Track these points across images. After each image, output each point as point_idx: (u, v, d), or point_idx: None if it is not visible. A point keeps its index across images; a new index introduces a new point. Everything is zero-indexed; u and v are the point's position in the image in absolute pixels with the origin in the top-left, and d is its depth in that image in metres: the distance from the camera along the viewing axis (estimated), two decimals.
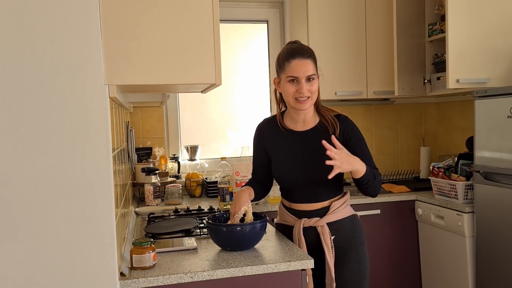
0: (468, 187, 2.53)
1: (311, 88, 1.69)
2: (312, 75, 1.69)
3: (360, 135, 1.80)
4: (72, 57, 1.28)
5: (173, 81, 1.46)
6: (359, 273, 1.75)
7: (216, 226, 1.68)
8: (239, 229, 1.64)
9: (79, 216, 1.30)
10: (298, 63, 1.68)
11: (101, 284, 1.33)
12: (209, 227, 1.70)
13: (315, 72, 1.71)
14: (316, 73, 1.71)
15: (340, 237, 1.77)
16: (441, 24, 2.85)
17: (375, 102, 3.43)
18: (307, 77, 1.68)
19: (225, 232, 1.66)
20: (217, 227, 1.67)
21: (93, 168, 1.31)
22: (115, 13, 1.37)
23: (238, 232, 1.64)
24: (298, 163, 1.76)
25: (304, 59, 1.68)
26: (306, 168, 1.75)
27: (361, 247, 1.79)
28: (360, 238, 1.80)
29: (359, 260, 1.76)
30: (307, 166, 1.74)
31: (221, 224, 1.71)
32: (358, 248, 1.77)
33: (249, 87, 3.40)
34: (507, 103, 2.21)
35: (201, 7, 1.46)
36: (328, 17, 3.00)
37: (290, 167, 1.78)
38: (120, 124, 1.98)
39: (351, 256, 1.76)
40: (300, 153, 1.76)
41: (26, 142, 1.26)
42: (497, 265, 2.31)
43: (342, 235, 1.77)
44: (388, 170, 3.46)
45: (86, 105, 1.30)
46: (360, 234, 1.81)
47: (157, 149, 3.18)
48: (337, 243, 1.75)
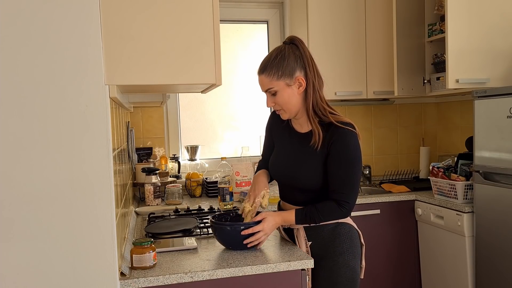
0: (468, 187, 2.53)
1: (276, 100, 1.65)
2: (269, 89, 1.65)
3: (346, 154, 1.61)
4: (72, 57, 1.28)
5: (173, 81, 1.46)
6: (337, 284, 1.64)
7: (221, 225, 1.68)
8: (243, 227, 1.64)
9: (79, 216, 1.30)
10: (258, 79, 1.70)
11: (101, 284, 1.33)
12: (213, 226, 1.70)
13: (272, 85, 1.63)
14: (273, 86, 1.63)
15: (318, 243, 1.69)
16: (440, 24, 2.85)
17: (375, 102, 3.43)
18: (266, 91, 1.68)
19: (228, 231, 1.66)
20: (221, 226, 1.68)
21: (93, 168, 1.31)
22: (115, 13, 1.37)
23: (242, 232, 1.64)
24: (286, 161, 1.75)
25: (259, 75, 1.68)
26: (290, 168, 1.73)
27: (341, 257, 1.65)
28: (341, 248, 1.66)
29: (337, 270, 1.65)
30: (292, 166, 1.72)
31: (224, 223, 1.72)
32: (335, 258, 1.65)
33: (249, 87, 3.41)
34: (506, 103, 2.22)
35: (201, 7, 1.46)
36: (328, 17, 3.00)
37: (280, 161, 1.78)
38: (121, 124, 1.98)
39: (327, 265, 1.66)
40: (292, 152, 1.75)
41: (26, 142, 1.26)
42: (496, 265, 2.31)
43: (320, 242, 1.69)
44: (388, 170, 3.47)
45: (86, 105, 1.30)
46: (342, 243, 1.67)
47: (158, 149, 3.18)
48: (314, 250, 1.70)
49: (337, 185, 1.63)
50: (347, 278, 1.65)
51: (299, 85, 1.64)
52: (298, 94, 1.65)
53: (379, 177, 3.43)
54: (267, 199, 1.74)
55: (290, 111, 1.68)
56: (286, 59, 1.62)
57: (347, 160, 1.62)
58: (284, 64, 1.62)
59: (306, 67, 1.63)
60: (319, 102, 1.65)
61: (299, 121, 1.74)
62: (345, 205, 1.63)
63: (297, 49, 1.65)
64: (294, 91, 1.64)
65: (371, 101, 3.37)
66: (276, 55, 1.64)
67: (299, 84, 1.64)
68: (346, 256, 1.67)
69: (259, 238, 1.64)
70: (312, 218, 1.64)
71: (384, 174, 3.43)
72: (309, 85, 1.64)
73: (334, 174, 1.63)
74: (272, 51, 1.68)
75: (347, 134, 1.62)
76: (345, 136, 1.62)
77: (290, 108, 1.66)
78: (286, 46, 1.67)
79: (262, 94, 1.73)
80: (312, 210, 1.64)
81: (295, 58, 1.63)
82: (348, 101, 3.27)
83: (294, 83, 1.63)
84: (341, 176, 1.62)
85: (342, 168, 1.62)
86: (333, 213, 1.64)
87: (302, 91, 1.65)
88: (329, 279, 1.66)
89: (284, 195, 1.83)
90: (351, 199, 1.64)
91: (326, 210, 1.64)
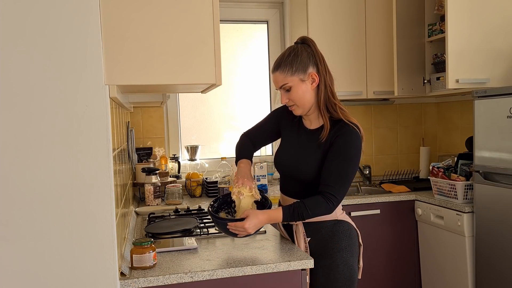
0: (468, 187, 2.53)
1: (291, 96, 1.69)
2: (283, 85, 1.68)
3: (346, 150, 1.64)
4: (72, 57, 1.28)
5: (173, 81, 1.46)
6: (334, 281, 1.66)
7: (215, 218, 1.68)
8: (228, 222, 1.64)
9: (79, 216, 1.31)
10: (272, 77, 1.73)
11: (101, 284, 1.33)
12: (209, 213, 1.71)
13: (286, 81, 1.67)
14: (288, 82, 1.67)
15: (316, 240, 1.72)
16: (440, 24, 2.85)
17: (375, 102, 3.43)
18: (280, 88, 1.71)
19: (219, 222, 1.67)
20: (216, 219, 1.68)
21: (93, 168, 1.31)
22: (115, 13, 1.37)
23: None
24: (291, 153, 1.78)
25: (273, 73, 1.71)
26: (294, 160, 1.75)
27: (339, 254, 1.68)
28: (340, 245, 1.69)
29: (335, 267, 1.67)
30: (296, 158, 1.75)
31: (217, 217, 1.70)
32: (334, 255, 1.67)
33: (249, 87, 3.40)
34: (506, 103, 2.22)
35: (202, 7, 1.46)
36: (328, 17, 3.00)
37: (286, 153, 1.80)
38: (121, 124, 1.98)
39: (325, 263, 1.68)
40: (298, 146, 1.77)
41: (26, 142, 1.26)
42: (496, 265, 2.31)
43: (319, 239, 1.71)
44: (388, 170, 3.47)
45: (86, 105, 1.30)
46: (341, 241, 1.69)
47: (158, 149, 3.18)
48: (313, 247, 1.72)
49: (328, 178, 1.63)
50: (345, 275, 1.67)
51: (312, 80, 1.69)
52: (311, 90, 1.69)
53: (379, 177, 3.43)
54: (257, 189, 1.76)
55: (303, 107, 1.71)
56: (299, 56, 1.68)
57: (345, 156, 1.64)
58: (297, 61, 1.67)
59: (318, 63, 1.69)
60: (330, 97, 1.71)
61: (310, 117, 1.77)
62: (331, 199, 1.61)
63: (308, 48, 1.71)
64: (308, 87, 1.68)
65: (371, 101, 3.37)
66: (290, 53, 1.69)
67: (312, 79, 1.68)
68: (344, 254, 1.68)
69: (238, 231, 1.63)
70: (299, 213, 1.63)
71: (384, 174, 3.43)
72: (321, 81, 1.69)
73: (328, 167, 1.64)
74: (285, 50, 1.74)
75: (352, 133, 1.66)
76: (350, 134, 1.65)
77: (304, 103, 1.70)
78: (298, 46, 1.72)
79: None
80: (299, 205, 1.63)
81: (308, 55, 1.68)
82: (348, 101, 3.27)
83: (308, 79, 1.68)
84: (334, 169, 1.63)
85: (337, 162, 1.63)
86: (319, 207, 1.63)
87: (315, 86, 1.69)
88: (327, 276, 1.67)
89: (285, 187, 1.84)
90: (339, 195, 1.63)
91: (312, 204, 1.62)
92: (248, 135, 1.94)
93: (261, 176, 2.97)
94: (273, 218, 1.66)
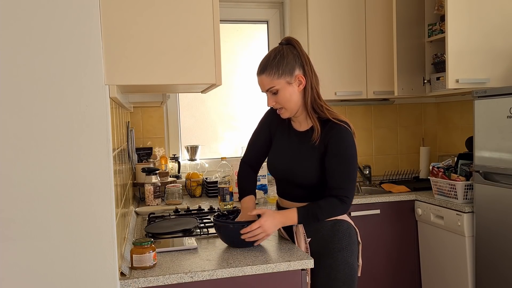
0: (468, 187, 2.53)
1: (278, 99, 1.68)
2: (270, 88, 1.67)
3: (344, 150, 1.65)
4: (72, 57, 1.28)
5: (173, 81, 1.46)
6: (335, 281, 1.66)
7: (224, 224, 1.71)
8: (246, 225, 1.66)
9: (79, 216, 1.31)
10: (258, 80, 1.72)
11: (101, 284, 1.33)
12: (216, 224, 1.73)
13: (273, 84, 1.65)
14: (274, 85, 1.65)
15: (317, 240, 1.72)
16: (440, 24, 2.85)
17: (374, 102, 3.43)
18: (266, 91, 1.70)
19: (232, 229, 1.69)
20: (225, 225, 1.71)
21: (93, 168, 1.31)
22: (115, 13, 1.37)
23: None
24: (285, 157, 1.77)
25: (259, 76, 1.70)
26: (289, 164, 1.75)
27: (340, 254, 1.68)
28: (340, 245, 1.69)
29: (336, 267, 1.67)
30: (290, 162, 1.75)
31: (228, 222, 1.74)
32: (335, 255, 1.68)
33: (249, 87, 3.41)
34: (506, 103, 2.22)
35: (201, 7, 1.46)
36: (328, 17, 3.00)
37: (279, 158, 1.80)
38: (121, 124, 1.98)
39: (326, 262, 1.68)
40: (290, 149, 1.77)
41: (26, 142, 1.26)
42: (496, 265, 2.31)
43: (319, 239, 1.71)
44: (388, 170, 3.47)
45: (86, 105, 1.30)
46: (341, 240, 1.69)
47: (157, 149, 3.19)
48: (314, 247, 1.72)
49: (338, 182, 1.66)
50: (346, 275, 1.68)
51: (299, 82, 1.68)
52: (298, 92, 1.68)
53: (379, 177, 3.43)
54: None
55: (291, 109, 1.70)
56: (285, 58, 1.66)
57: (346, 158, 1.66)
58: (284, 63, 1.65)
59: (304, 65, 1.68)
60: (316, 99, 1.70)
61: (298, 119, 1.76)
62: (346, 201, 1.66)
63: (294, 49, 1.69)
64: (294, 89, 1.68)
65: (371, 101, 3.37)
66: (275, 55, 1.67)
67: (299, 81, 1.67)
68: (344, 253, 1.69)
69: (256, 236, 1.65)
70: (314, 215, 1.65)
71: (384, 174, 3.43)
72: (308, 83, 1.68)
73: (334, 172, 1.66)
74: (270, 52, 1.72)
75: (344, 132, 1.66)
76: (342, 134, 1.66)
77: (292, 106, 1.69)
78: (283, 47, 1.70)
79: (262, 94, 1.73)
80: (314, 207, 1.66)
81: (294, 57, 1.67)
82: (348, 101, 3.27)
83: (295, 81, 1.67)
84: (341, 173, 1.66)
85: (341, 166, 1.65)
86: (336, 210, 1.67)
87: (302, 88, 1.68)
88: (328, 276, 1.67)
89: (283, 191, 1.84)
90: (351, 194, 1.68)
91: (329, 207, 1.66)
92: (246, 161, 1.94)
93: (261, 176, 2.96)
94: (289, 218, 1.67)
